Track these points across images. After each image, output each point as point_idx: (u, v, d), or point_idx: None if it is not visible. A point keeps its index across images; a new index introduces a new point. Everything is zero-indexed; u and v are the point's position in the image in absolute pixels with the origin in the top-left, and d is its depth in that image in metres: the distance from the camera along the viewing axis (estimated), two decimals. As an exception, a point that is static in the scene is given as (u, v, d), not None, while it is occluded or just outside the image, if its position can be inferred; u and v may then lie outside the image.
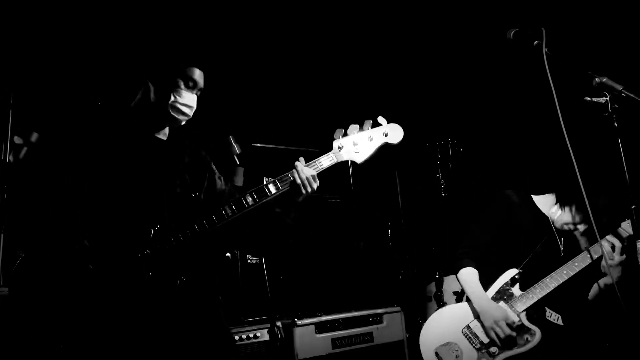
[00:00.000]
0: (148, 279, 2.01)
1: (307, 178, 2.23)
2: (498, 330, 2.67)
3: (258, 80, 4.68)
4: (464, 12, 4.65)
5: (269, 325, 3.28)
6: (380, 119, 2.32)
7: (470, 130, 5.09)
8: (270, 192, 2.20)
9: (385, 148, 2.36)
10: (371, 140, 2.30)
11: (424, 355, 2.75)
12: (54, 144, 2.20)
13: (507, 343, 2.68)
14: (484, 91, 5.10)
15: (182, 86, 2.25)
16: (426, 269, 4.41)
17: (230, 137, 3.14)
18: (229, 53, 4.54)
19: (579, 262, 2.74)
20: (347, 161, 2.33)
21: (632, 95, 1.99)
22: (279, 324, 3.35)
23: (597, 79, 2.06)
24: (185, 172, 2.30)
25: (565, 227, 2.88)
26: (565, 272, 2.73)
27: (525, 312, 2.74)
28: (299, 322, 3.36)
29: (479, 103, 5.19)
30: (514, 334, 2.67)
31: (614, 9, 4.14)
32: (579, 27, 4.18)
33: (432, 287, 4.12)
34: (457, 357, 2.70)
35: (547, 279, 2.75)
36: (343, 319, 3.56)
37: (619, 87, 2.02)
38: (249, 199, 2.18)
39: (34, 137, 2.90)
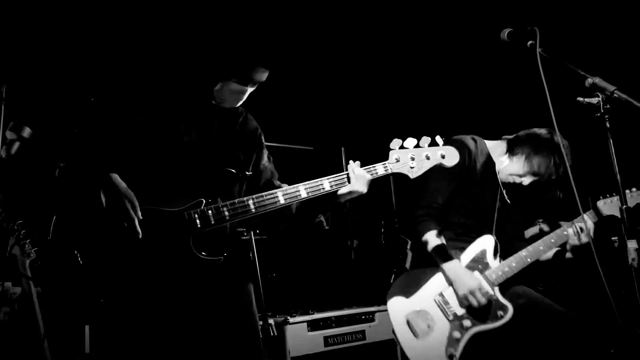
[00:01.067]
0: (194, 249, 2.00)
1: (361, 175, 2.20)
2: (472, 299, 2.57)
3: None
4: (459, 11, 4.66)
5: (261, 323, 3.28)
6: (438, 139, 2.28)
7: (464, 129, 5.09)
8: (323, 188, 2.17)
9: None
10: (428, 158, 2.27)
11: (393, 321, 2.62)
12: (111, 109, 2.15)
13: (480, 316, 2.59)
14: (478, 90, 5.11)
15: (234, 80, 2.15)
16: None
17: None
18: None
19: (556, 239, 2.72)
20: (397, 173, 2.29)
21: (624, 96, 1.99)
22: (271, 321, 3.35)
23: (589, 80, 2.06)
24: (238, 145, 2.26)
25: (510, 179, 2.82)
26: (541, 247, 2.71)
27: (498, 287, 2.68)
28: (291, 320, 3.36)
29: (473, 102, 5.20)
30: (487, 303, 2.58)
31: (608, 9, 4.16)
32: (573, 27, 4.20)
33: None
34: (429, 326, 2.59)
35: (524, 253, 2.70)
36: (335, 317, 3.57)
37: (612, 88, 2.03)
38: (303, 193, 2.14)
39: (27, 132, 2.88)
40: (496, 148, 2.90)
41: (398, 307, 2.65)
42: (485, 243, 2.77)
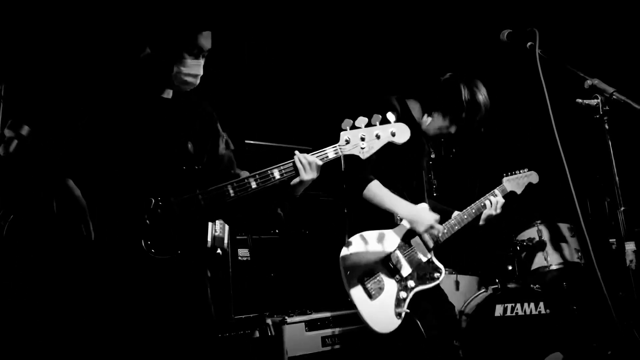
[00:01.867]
0: (145, 249, 1.98)
1: (309, 163, 2.20)
2: (434, 231, 2.76)
3: (251, 76, 4.67)
4: (459, 12, 4.66)
5: (259, 323, 3.27)
6: (390, 116, 2.26)
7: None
8: (274, 176, 2.17)
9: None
10: (378, 138, 2.24)
11: (350, 287, 2.65)
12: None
13: (421, 277, 2.78)
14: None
15: (186, 56, 2.14)
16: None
17: (223, 133, 3.13)
18: (223, 50, 4.52)
19: (476, 210, 3.01)
20: (349, 155, 2.28)
21: (623, 97, 2.00)
22: (269, 321, 3.34)
23: (588, 81, 2.07)
24: (189, 137, 2.23)
25: (438, 132, 2.98)
26: (465, 216, 2.97)
27: (432, 251, 2.86)
28: (289, 320, 3.35)
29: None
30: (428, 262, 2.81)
31: (608, 10, 4.16)
32: (572, 28, 4.21)
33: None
34: (380, 289, 2.69)
35: (453, 222, 2.94)
36: (333, 317, 3.56)
37: (610, 90, 2.03)
38: (253, 183, 2.13)
39: (25, 130, 2.87)
40: (414, 106, 3.03)
41: (353, 271, 2.72)
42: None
